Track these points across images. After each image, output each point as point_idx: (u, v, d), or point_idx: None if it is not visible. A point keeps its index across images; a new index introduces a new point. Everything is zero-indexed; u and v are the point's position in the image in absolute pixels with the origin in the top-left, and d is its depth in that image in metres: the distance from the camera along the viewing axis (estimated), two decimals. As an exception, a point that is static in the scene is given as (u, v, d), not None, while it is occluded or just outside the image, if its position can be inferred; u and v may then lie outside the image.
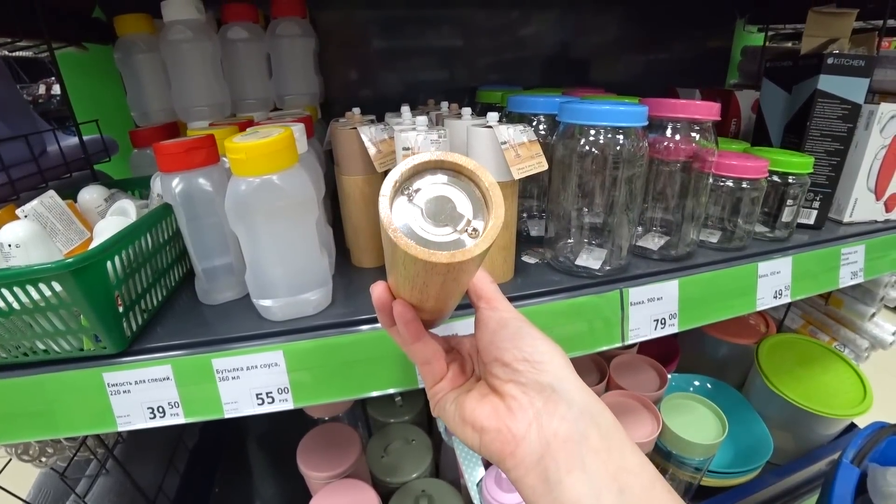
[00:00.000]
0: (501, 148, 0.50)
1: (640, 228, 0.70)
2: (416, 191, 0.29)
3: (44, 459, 0.77)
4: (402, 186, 0.29)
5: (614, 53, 1.26)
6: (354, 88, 1.10)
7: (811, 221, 0.81)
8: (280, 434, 1.06)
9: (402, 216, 0.28)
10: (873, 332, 1.11)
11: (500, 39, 1.15)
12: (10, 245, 0.44)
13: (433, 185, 0.29)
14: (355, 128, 0.58)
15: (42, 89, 2.19)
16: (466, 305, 0.55)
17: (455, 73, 1.15)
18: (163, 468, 0.94)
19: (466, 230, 0.28)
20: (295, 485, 0.79)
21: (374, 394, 0.52)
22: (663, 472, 0.89)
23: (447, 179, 0.29)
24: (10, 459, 0.74)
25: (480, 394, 0.35)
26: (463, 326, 0.53)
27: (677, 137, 0.62)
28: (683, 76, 1.31)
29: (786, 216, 0.75)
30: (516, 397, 0.33)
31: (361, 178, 0.61)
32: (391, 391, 0.53)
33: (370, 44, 1.08)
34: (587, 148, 0.55)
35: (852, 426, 1.05)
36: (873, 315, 1.11)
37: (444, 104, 0.78)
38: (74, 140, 0.78)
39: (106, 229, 0.52)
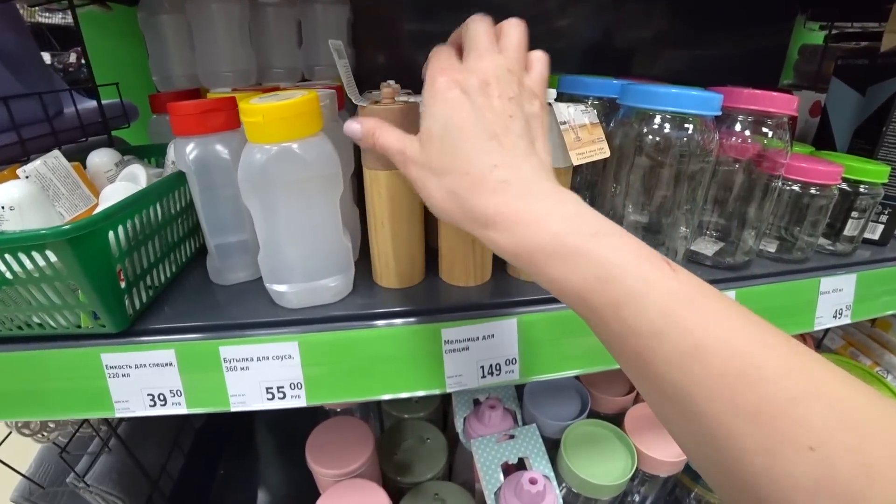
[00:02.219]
0: (560, 128, 0.44)
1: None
2: None
3: (45, 434, 0.73)
4: None
5: (658, 47, 1.17)
6: (384, 71, 1.04)
7: (875, 237, 0.74)
8: (289, 421, 1.02)
9: None
10: (922, 360, 1.03)
11: (538, 28, 1.07)
12: (3, 207, 0.40)
13: None
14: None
15: (73, 58, 2.18)
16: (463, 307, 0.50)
17: (490, 60, 1.09)
18: (167, 447, 0.91)
19: None
20: (301, 473, 0.75)
21: (393, 396, 0.47)
22: (689, 492, 0.83)
23: None
24: (10, 433, 0.71)
25: None
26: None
27: (747, 133, 0.56)
28: (732, 74, 1.21)
29: (851, 229, 0.68)
30: None
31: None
32: (414, 394, 0.48)
33: (403, 26, 1.02)
34: (650, 136, 0.49)
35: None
36: (924, 342, 1.03)
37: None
38: (92, 103, 0.73)
39: (112, 195, 0.47)
